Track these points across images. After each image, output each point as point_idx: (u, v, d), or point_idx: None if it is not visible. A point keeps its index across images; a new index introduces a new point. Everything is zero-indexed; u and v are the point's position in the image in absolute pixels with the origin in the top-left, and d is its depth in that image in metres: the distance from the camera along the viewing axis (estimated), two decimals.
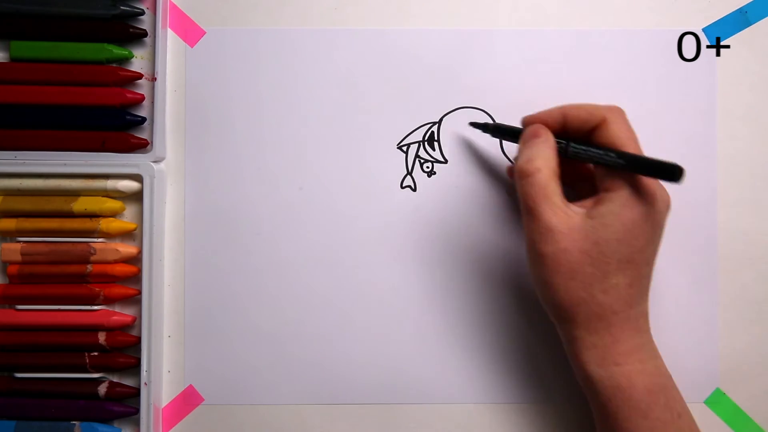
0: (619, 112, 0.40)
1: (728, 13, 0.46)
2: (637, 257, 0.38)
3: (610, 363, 0.38)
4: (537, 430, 0.46)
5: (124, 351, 0.45)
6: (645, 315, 0.40)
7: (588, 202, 0.40)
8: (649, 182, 0.39)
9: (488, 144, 0.46)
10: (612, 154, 0.39)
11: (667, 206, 0.40)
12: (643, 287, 0.39)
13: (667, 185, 0.39)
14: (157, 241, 0.45)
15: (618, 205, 0.38)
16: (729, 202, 0.46)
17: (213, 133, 0.46)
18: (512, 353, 0.46)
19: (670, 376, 0.40)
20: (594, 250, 0.38)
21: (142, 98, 0.45)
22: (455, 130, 0.46)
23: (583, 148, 0.40)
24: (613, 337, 0.38)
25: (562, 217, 0.38)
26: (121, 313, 0.45)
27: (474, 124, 0.45)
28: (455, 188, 0.46)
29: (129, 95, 0.45)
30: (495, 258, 0.46)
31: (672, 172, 0.37)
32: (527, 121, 0.42)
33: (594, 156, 0.39)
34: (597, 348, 0.39)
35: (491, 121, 0.46)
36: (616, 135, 0.39)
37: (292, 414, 0.46)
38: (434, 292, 0.46)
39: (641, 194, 0.38)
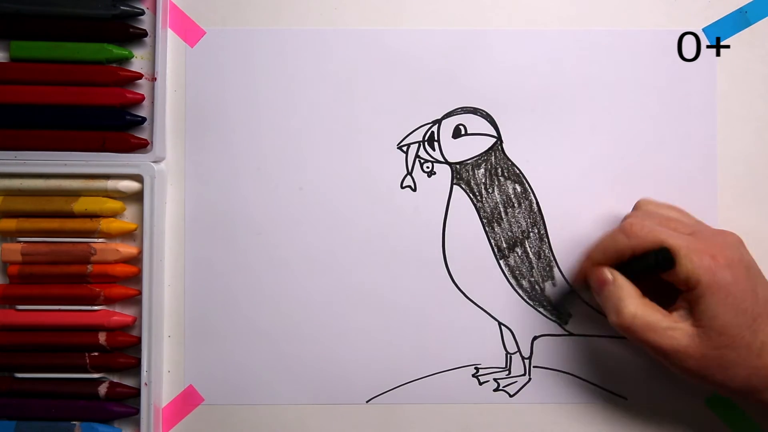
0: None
1: (728, 13, 0.46)
2: (758, 308, 0.38)
3: None
4: (537, 429, 0.46)
5: (125, 351, 0.45)
6: None
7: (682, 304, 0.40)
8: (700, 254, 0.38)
9: (487, 144, 0.46)
10: None
11: (738, 243, 0.40)
12: None
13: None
14: (157, 242, 0.45)
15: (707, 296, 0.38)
16: (729, 202, 0.46)
17: (213, 133, 0.46)
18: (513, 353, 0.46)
19: None
20: (721, 340, 0.38)
21: (142, 98, 0.45)
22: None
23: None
24: None
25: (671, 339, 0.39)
26: (122, 313, 0.45)
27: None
28: (455, 188, 0.46)
29: (129, 95, 0.45)
30: (495, 258, 0.46)
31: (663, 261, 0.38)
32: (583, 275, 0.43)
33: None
34: None
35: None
36: None
37: (292, 414, 0.46)
38: (434, 292, 0.46)
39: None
